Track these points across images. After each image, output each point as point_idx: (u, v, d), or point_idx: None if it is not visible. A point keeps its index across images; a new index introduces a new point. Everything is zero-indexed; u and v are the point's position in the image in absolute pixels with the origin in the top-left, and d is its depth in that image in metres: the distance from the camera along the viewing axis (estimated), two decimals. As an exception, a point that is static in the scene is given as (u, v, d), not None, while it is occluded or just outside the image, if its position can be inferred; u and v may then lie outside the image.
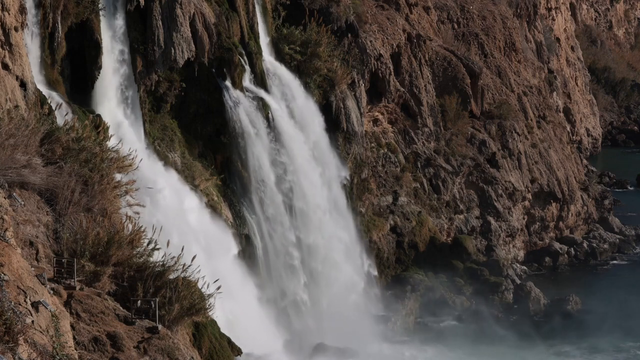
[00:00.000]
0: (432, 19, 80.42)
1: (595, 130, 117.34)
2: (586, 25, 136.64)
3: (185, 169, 52.08)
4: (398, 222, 66.60)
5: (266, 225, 54.76)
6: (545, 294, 65.56)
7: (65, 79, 46.37)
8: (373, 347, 55.41)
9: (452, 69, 74.46)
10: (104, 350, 28.09)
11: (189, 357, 29.94)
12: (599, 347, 58.31)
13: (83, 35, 47.13)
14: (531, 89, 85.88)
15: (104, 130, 42.86)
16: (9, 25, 38.83)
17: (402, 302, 62.34)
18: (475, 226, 70.96)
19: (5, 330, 20.19)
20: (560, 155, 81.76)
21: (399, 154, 69.22)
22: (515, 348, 57.42)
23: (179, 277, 33.20)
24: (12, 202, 30.21)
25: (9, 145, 31.97)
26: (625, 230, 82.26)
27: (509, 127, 75.64)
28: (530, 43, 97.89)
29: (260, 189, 54.83)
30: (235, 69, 54.64)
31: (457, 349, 56.68)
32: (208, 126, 54.41)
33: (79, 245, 31.59)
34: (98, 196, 34.88)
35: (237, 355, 39.83)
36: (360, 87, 65.26)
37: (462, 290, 64.98)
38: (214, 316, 36.17)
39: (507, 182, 73.55)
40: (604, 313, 62.49)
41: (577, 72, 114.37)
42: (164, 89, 52.15)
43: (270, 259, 54.86)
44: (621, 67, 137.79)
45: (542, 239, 76.89)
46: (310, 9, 63.73)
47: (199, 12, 52.71)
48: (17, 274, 23.69)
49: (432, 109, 71.78)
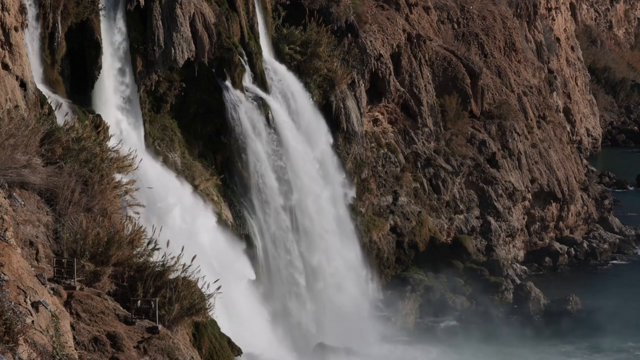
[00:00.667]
0: (432, 19, 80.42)
1: (595, 130, 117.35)
2: (586, 25, 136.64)
3: (185, 169, 52.08)
4: (398, 222, 66.60)
5: (266, 225, 54.74)
6: (545, 294, 65.56)
7: (65, 79, 46.36)
8: (373, 347, 55.40)
9: (452, 69, 74.45)
10: (104, 350, 28.08)
11: (189, 357, 29.93)
12: (599, 347, 58.32)
13: (83, 35, 47.13)
14: (531, 89, 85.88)
15: (104, 130, 42.84)
16: (9, 25, 38.83)
17: (402, 302, 62.35)
18: (475, 226, 70.96)
19: (5, 330, 20.19)
20: (560, 155, 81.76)
21: (399, 154, 69.22)
22: (516, 348, 57.43)
23: (179, 277, 33.19)
24: (12, 202, 30.21)
25: (9, 145, 31.96)
26: (625, 230, 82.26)
27: (509, 127, 75.64)
28: (530, 43, 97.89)
29: (260, 188, 54.81)
30: (235, 69, 54.63)
31: (457, 349, 56.69)
32: (208, 126, 54.40)
33: (79, 245, 31.58)
34: (98, 196, 34.87)
35: (237, 355, 39.81)
36: (360, 87, 65.27)
37: (462, 290, 64.97)
38: (213, 316, 36.17)
39: (507, 182, 73.55)
40: (604, 313, 62.49)
41: (577, 72, 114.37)
42: (164, 89, 52.15)
43: (270, 259, 54.85)
44: (621, 67, 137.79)
45: (542, 239, 76.89)
46: (310, 9, 63.73)
47: (199, 12, 52.71)
48: (17, 274, 23.69)
49: (432, 109, 71.78)
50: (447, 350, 56.49)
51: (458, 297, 64.32)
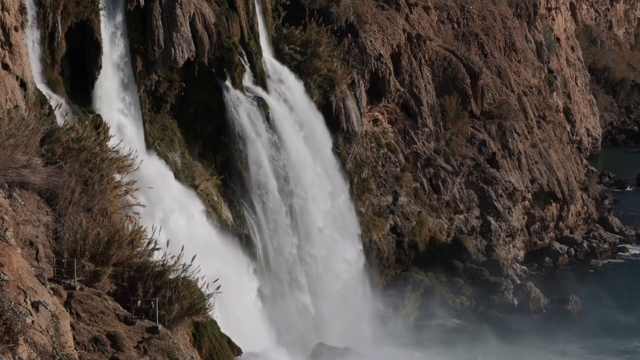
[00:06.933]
0: (432, 19, 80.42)
1: (595, 130, 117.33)
2: (586, 25, 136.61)
3: (185, 169, 52.09)
4: (398, 222, 66.60)
5: (266, 225, 54.74)
6: (545, 294, 65.58)
7: (65, 79, 46.34)
8: (373, 347, 55.41)
9: (452, 69, 74.46)
10: (104, 350, 28.08)
11: (189, 357, 29.93)
12: (599, 347, 58.32)
13: (83, 35, 47.11)
14: (531, 89, 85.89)
15: (104, 130, 42.83)
16: (9, 25, 38.82)
17: (402, 302, 62.34)
18: (475, 226, 70.96)
19: (5, 330, 20.19)
20: (560, 155, 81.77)
21: (399, 154, 69.23)
22: (516, 348, 57.43)
23: (179, 277, 33.21)
24: (12, 202, 30.22)
25: (9, 145, 31.96)
26: (625, 230, 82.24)
27: (509, 127, 75.65)
28: (530, 43, 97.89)
29: (260, 188, 54.81)
30: (235, 69, 54.64)
31: (457, 349, 56.69)
32: (208, 126, 54.39)
33: (79, 245, 31.59)
34: (98, 196, 34.88)
35: (237, 355, 39.82)
36: (360, 87, 65.27)
37: (462, 290, 64.97)
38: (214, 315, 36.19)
39: (507, 182, 73.55)
40: (604, 313, 62.51)
41: (577, 72, 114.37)
42: (164, 89, 52.14)
43: (270, 259, 54.84)
44: (621, 67, 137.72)
45: (542, 239, 76.90)
46: (310, 9, 63.72)
47: (199, 12, 52.71)
48: (17, 274, 23.69)
49: (432, 109, 71.79)
50: (447, 350, 56.48)
51: (458, 297, 64.33)
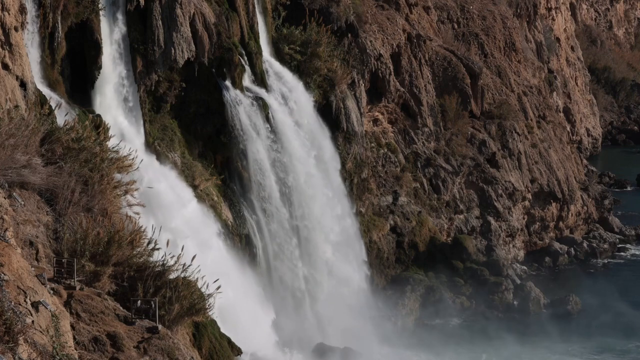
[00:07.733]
0: (432, 19, 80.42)
1: (595, 130, 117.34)
2: (586, 25, 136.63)
3: (185, 169, 52.10)
4: (398, 222, 66.60)
5: (266, 224, 54.76)
6: (545, 294, 65.59)
7: (65, 79, 46.36)
8: (373, 347, 55.39)
9: (452, 69, 74.46)
10: (104, 350, 28.06)
11: (189, 357, 29.91)
12: (599, 347, 58.33)
13: (83, 35, 47.13)
14: (531, 89, 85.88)
15: (104, 130, 42.81)
16: (9, 25, 38.81)
17: (402, 302, 62.34)
18: (475, 226, 70.96)
19: (5, 330, 20.18)
20: (560, 155, 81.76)
21: (399, 154, 69.23)
22: (516, 348, 57.43)
23: (179, 277, 33.20)
24: (12, 202, 30.21)
25: (9, 145, 31.94)
26: (625, 230, 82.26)
27: (509, 127, 75.65)
28: (530, 43, 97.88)
29: (260, 188, 54.82)
30: (235, 69, 54.64)
31: (457, 349, 56.69)
32: (208, 126, 54.41)
33: (79, 245, 31.57)
34: (98, 196, 34.86)
35: (237, 355, 39.81)
36: (360, 87, 65.27)
37: (462, 290, 64.98)
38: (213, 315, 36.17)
39: (507, 182, 73.55)
40: (604, 313, 62.49)
41: (577, 72, 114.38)
42: (164, 89, 52.15)
43: (270, 259, 54.86)
44: (621, 67, 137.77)
45: (542, 239, 76.89)
46: (310, 9, 63.72)
47: (199, 12, 52.71)
48: (17, 274, 23.69)
49: (432, 109, 71.79)
50: (447, 350, 56.48)
51: (458, 297, 64.34)
